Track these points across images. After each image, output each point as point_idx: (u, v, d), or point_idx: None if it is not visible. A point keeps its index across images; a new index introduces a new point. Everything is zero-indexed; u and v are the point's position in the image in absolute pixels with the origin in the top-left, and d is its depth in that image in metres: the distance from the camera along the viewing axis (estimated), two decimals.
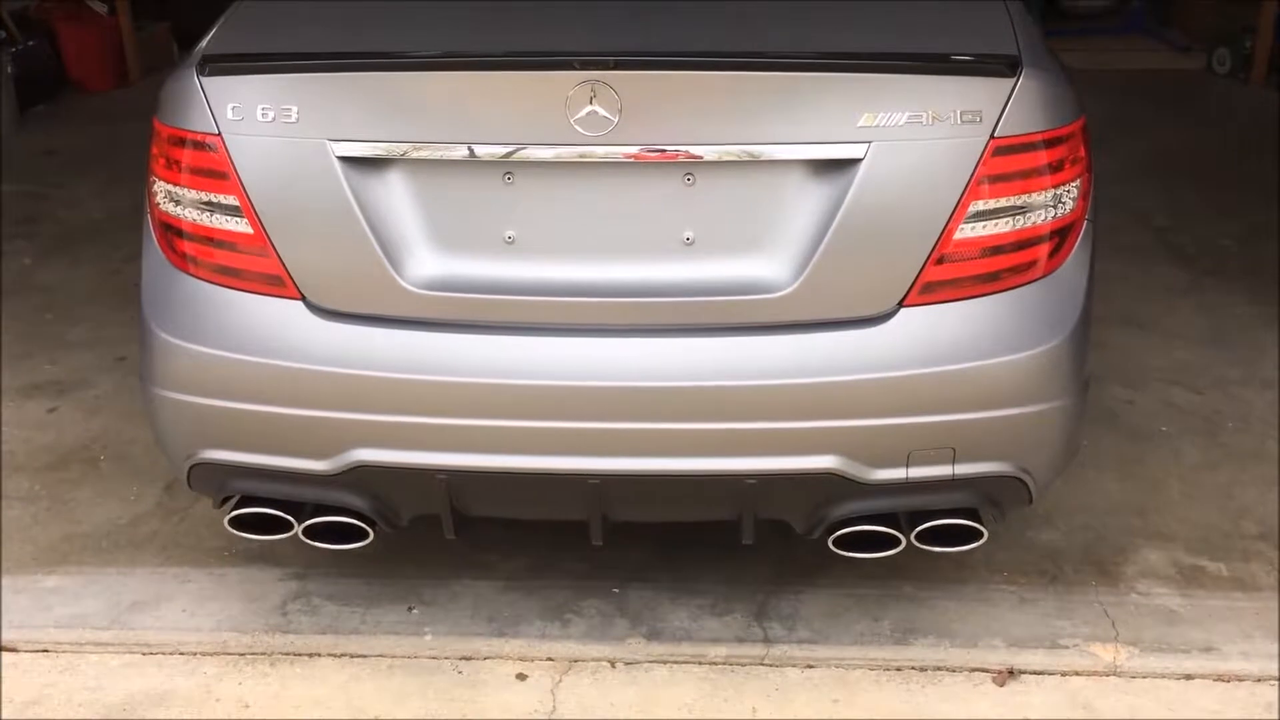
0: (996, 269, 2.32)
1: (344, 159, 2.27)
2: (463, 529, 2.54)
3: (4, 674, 2.67)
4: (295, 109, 2.27)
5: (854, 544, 2.48)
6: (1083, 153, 2.37)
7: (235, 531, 2.56)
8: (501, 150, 2.25)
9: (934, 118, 2.22)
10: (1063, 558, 3.03)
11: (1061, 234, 2.36)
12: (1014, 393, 2.34)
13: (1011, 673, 2.65)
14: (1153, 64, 8.53)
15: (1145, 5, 9.50)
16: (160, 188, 2.42)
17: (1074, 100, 2.38)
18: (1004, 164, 2.26)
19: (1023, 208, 2.29)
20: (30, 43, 7.48)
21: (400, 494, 2.49)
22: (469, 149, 2.26)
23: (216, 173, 2.32)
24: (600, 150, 2.24)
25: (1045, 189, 2.30)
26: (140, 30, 8.11)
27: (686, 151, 2.25)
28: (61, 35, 7.79)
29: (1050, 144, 2.29)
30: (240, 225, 2.33)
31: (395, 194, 2.31)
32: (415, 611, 2.86)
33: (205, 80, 2.32)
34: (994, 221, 2.29)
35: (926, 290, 2.30)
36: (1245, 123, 6.98)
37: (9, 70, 6.97)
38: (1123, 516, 3.20)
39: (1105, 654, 2.70)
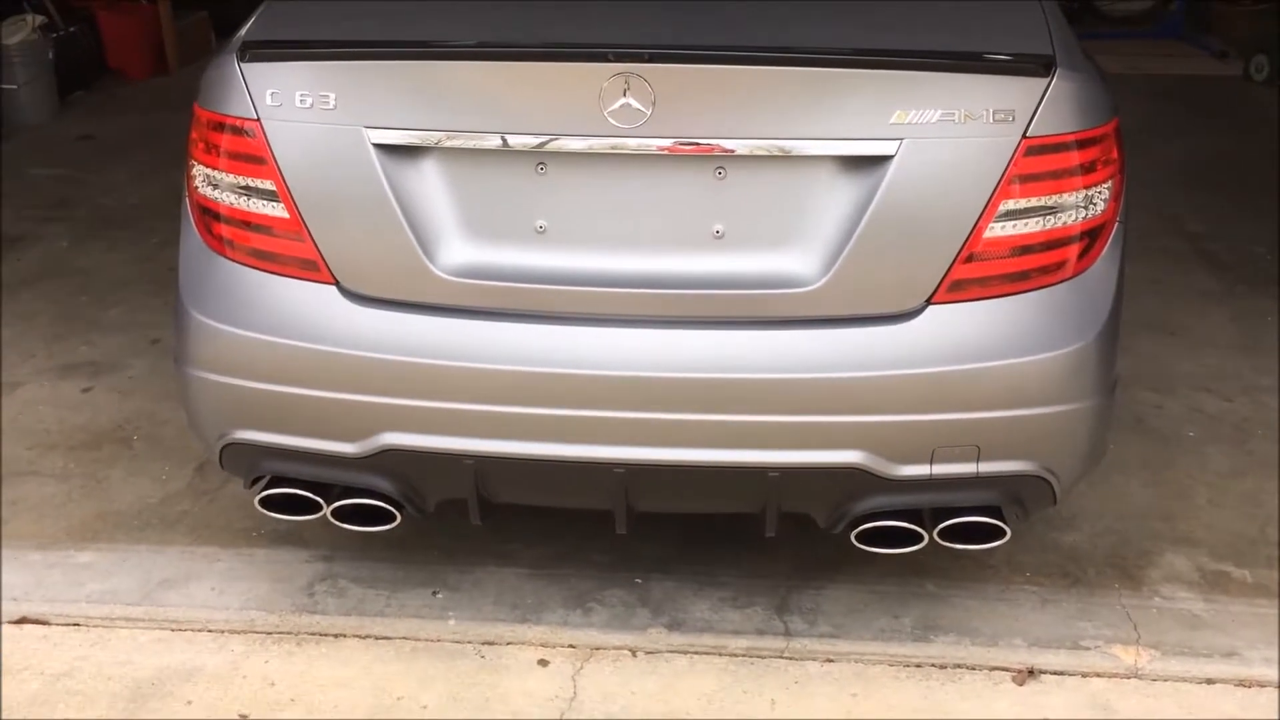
0: (1026, 268, 2.32)
1: (380, 146, 2.30)
2: (488, 516, 2.56)
3: (36, 646, 2.72)
4: (333, 96, 2.30)
5: (877, 539, 2.49)
6: (1115, 154, 2.37)
7: (265, 511, 2.60)
8: (534, 140, 2.28)
9: (966, 116, 2.22)
10: (1086, 560, 3.03)
11: (1092, 235, 2.36)
12: (1040, 392, 2.34)
13: (1032, 672, 2.65)
14: (1189, 69, 8.46)
15: (1183, 10, 9.43)
16: (199, 171, 2.46)
17: (1108, 101, 2.38)
18: (1036, 164, 2.26)
19: (1053, 208, 2.30)
20: (71, 29, 7.57)
21: (428, 478, 2.52)
22: (502, 139, 2.28)
23: (254, 158, 2.36)
24: (633, 143, 2.25)
25: (1077, 190, 2.30)
26: (180, 19, 8.20)
27: (718, 145, 2.26)
28: (102, 23, 7.88)
29: (1083, 145, 2.29)
30: (277, 210, 2.37)
31: (429, 182, 2.34)
32: (440, 596, 2.89)
33: (245, 66, 2.36)
34: (1024, 221, 2.29)
35: (955, 288, 2.31)
36: None
37: (50, 56, 7.07)
38: (1147, 521, 3.19)
39: (1126, 656, 2.70)
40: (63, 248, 5.11)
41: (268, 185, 2.36)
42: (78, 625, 2.80)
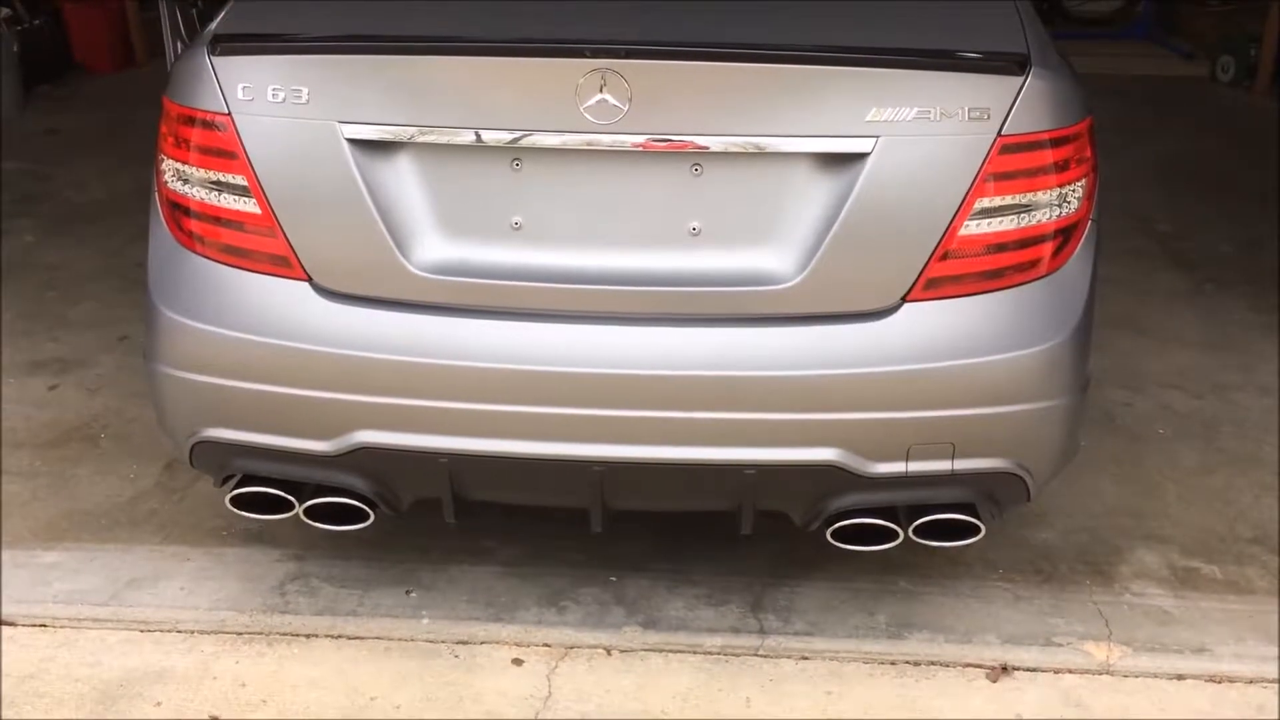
0: (1000, 266, 2.33)
1: (353, 141, 2.28)
2: (463, 514, 2.54)
3: (2, 648, 2.68)
4: (305, 90, 2.27)
5: (852, 537, 2.49)
6: (1089, 153, 2.38)
7: (236, 510, 2.57)
8: (509, 136, 2.26)
9: (942, 114, 2.23)
10: (1058, 557, 3.05)
11: (1065, 233, 2.37)
12: (1014, 390, 2.35)
13: (1005, 669, 2.67)
14: (1157, 70, 8.55)
15: (1151, 11, 9.52)
16: (169, 166, 2.42)
17: (1081, 100, 2.39)
18: (1010, 162, 2.27)
19: (1028, 206, 2.30)
20: (36, 22, 7.48)
21: (402, 477, 2.50)
22: (476, 134, 2.26)
23: (225, 152, 2.33)
24: (608, 139, 2.24)
25: (1050, 188, 2.31)
26: (146, 13, 8.11)
27: (694, 142, 2.25)
28: (68, 15, 7.79)
29: (1056, 143, 2.30)
30: (248, 205, 2.34)
31: (403, 177, 2.32)
32: (413, 595, 2.87)
33: (216, 60, 2.33)
34: (999, 219, 2.29)
35: (930, 286, 2.31)
36: (1248, 131, 6.99)
37: (15, 48, 6.97)
38: (1118, 518, 3.22)
39: (1098, 653, 2.72)
40: (29, 243, 5.04)
41: (239, 180, 2.33)
42: (44, 626, 2.76)
